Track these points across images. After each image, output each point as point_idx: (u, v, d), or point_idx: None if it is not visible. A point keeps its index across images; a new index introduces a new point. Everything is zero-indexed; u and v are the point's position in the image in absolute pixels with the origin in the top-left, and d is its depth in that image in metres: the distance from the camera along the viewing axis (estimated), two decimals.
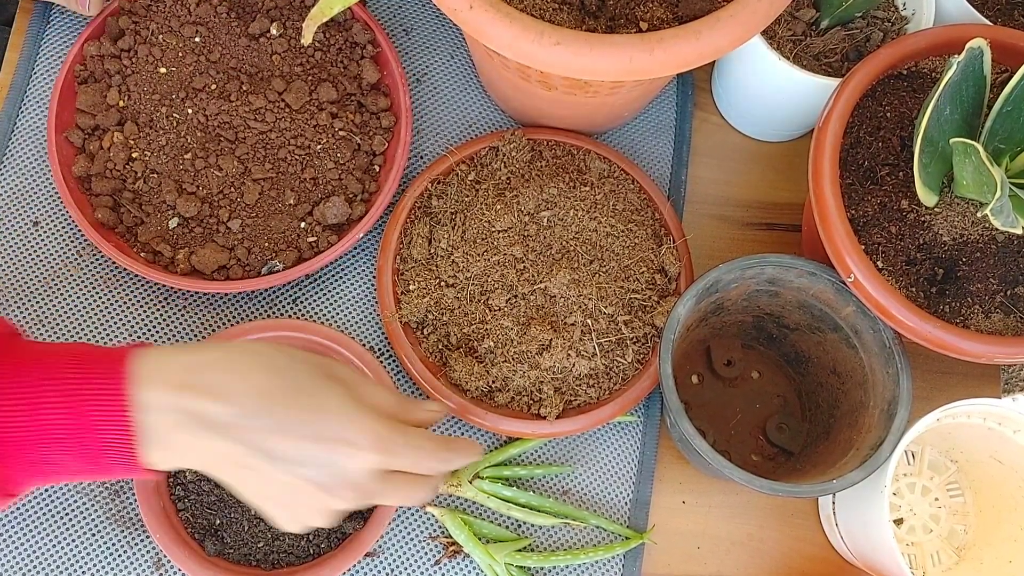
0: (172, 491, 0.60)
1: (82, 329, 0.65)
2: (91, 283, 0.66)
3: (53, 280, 0.66)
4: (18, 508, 0.61)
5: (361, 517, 0.60)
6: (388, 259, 0.64)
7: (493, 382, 0.60)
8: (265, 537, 0.59)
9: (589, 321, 0.60)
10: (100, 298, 0.66)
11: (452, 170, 0.66)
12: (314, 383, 0.47)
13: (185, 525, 0.59)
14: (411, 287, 0.63)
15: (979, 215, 0.56)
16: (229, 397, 0.44)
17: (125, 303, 0.66)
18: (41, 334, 0.65)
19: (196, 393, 0.44)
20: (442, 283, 0.62)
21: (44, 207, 0.68)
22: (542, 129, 0.67)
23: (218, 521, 0.59)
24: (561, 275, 0.60)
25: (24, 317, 0.65)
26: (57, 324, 0.65)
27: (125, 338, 0.65)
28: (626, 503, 0.66)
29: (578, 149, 0.67)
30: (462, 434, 0.65)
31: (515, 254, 0.61)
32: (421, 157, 0.72)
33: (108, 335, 0.65)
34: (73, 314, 0.65)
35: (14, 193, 0.68)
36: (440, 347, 0.62)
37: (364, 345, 0.65)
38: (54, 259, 0.67)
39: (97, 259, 0.67)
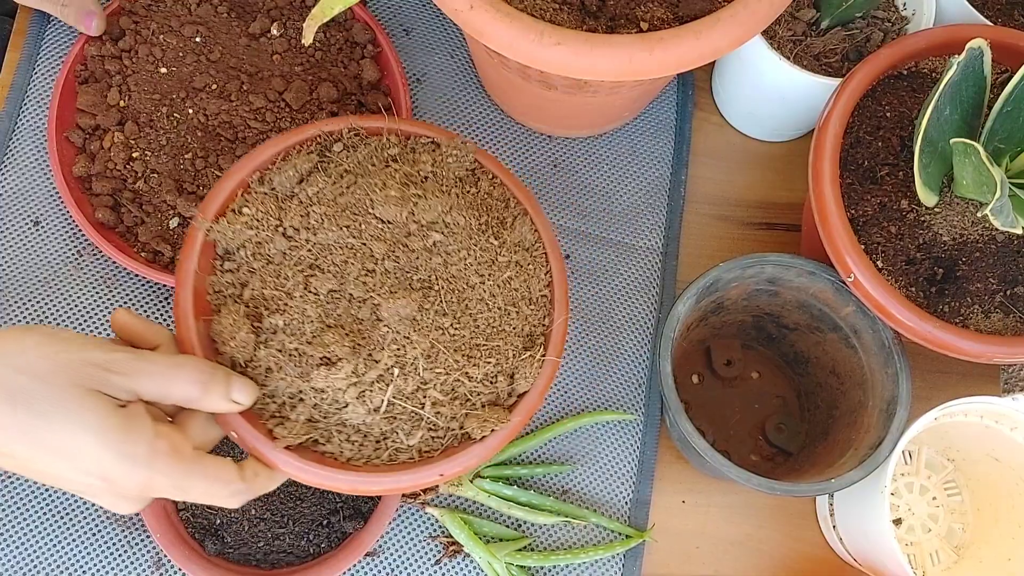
0: None
1: (82, 329, 0.65)
2: (91, 283, 0.66)
3: (53, 280, 0.66)
4: (18, 508, 0.61)
5: (361, 517, 0.60)
6: (247, 168, 0.53)
7: (251, 363, 0.49)
8: (265, 537, 0.59)
9: (396, 371, 0.48)
10: (100, 298, 0.66)
11: (379, 133, 0.56)
12: (62, 409, 0.40)
13: (185, 525, 0.59)
14: (246, 210, 0.52)
15: (979, 215, 0.56)
16: None
17: (125, 303, 0.66)
18: None
19: None
20: (281, 227, 0.52)
21: (44, 207, 0.68)
22: (494, 162, 0.58)
23: (218, 521, 0.60)
24: (404, 304, 0.49)
25: (24, 317, 0.65)
26: (57, 324, 0.65)
27: None
28: (626, 502, 0.66)
29: (517, 203, 0.57)
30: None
31: (375, 251, 0.51)
32: None
33: (108, 335, 0.65)
34: (73, 314, 0.66)
35: (15, 193, 0.68)
36: (229, 292, 0.51)
37: None
38: (54, 259, 0.67)
39: (97, 259, 0.67)
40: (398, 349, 0.49)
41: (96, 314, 0.66)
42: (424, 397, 0.49)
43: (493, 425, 0.50)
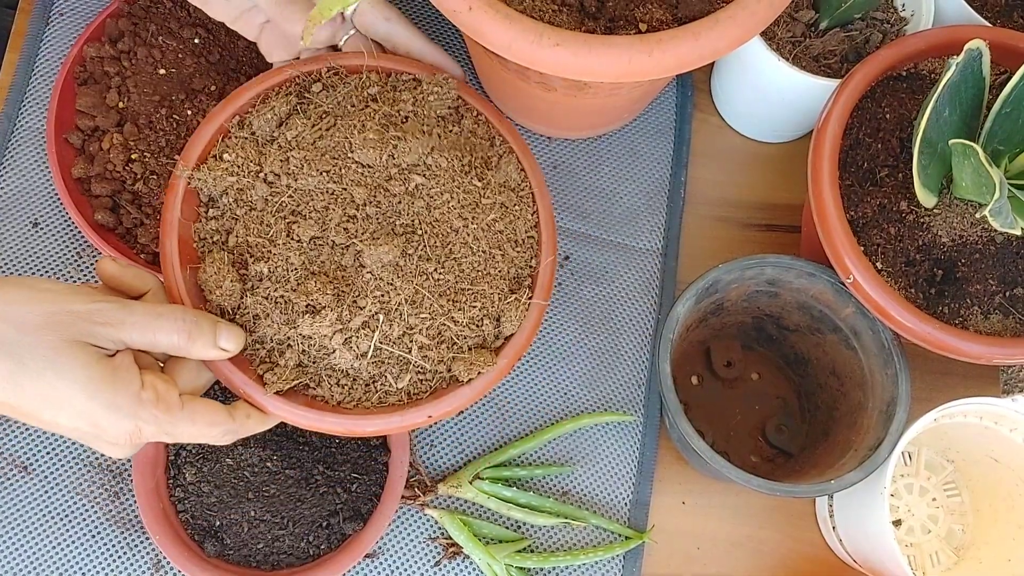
0: (172, 493, 0.60)
1: None
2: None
3: None
4: (18, 510, 0.61)
5: (361, 518, 0.60)
6: (227, 112, 0.53)
7: (239, 311, 0.50)
8: (265, 538, 0.59)
9: (382, 316, 0.49)
10: None
11: (359, 71, 0.56)
12: (48, 362, 0.41)
13: (185, 526, 0.59)
14: (227, 156, 0.52)
15: (978, 216, 0.56)
16: None
17: None
18: None
19: None
20: (262, 173, 0.52)
21: (44, 208, 0.68)
22: (478, 98, 0.57)
23: (218, 522, 0.59)
24: (386, 250, 0.49)
25: None
26: None
27: None
28: (626, 503, 0.66)
29: (503, 141, 0.57)
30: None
31: (355, 196, 0.51)
32: None
33: None
34: None
35: (14, 194, 0.68)
36: (214, 239, 0.52)
37: None
38: (54, 260, 0.67)
39: (97, 260, 0.67)
40: (382, 295, 0.49)
41: None
42: (411, 342, 0.50)
43: (480, 368, 0.50)
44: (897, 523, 0.66)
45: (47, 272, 0.66)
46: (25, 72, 0.70)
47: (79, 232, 0.67)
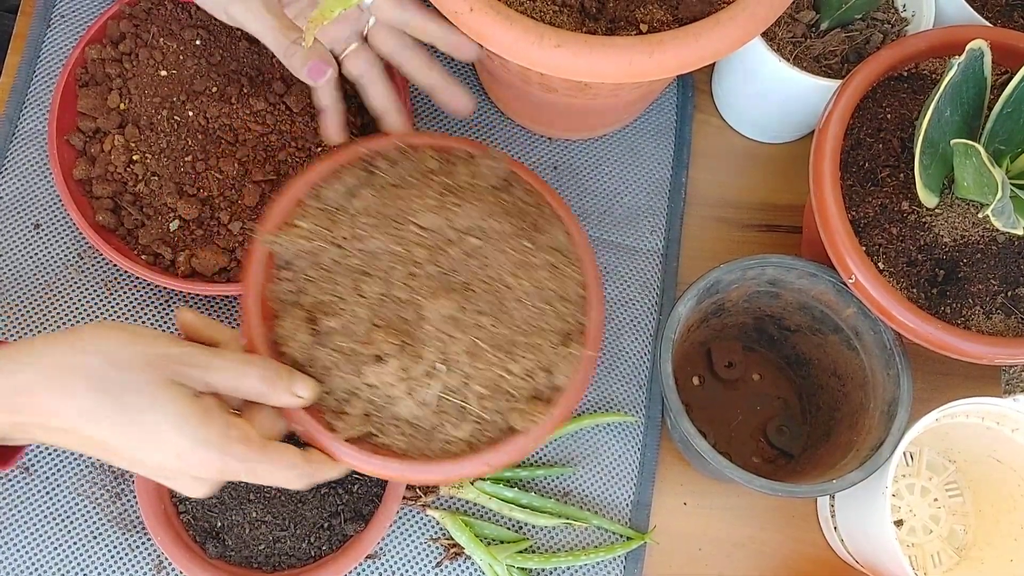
0: (173, 494, 0.60)
1: None
2: (92, 286, 0.67)
3: (54, 283, 0.66)
4: (19, 511, 0.61)
5: (362, 519, 0.60)
6: (304, 184, 0.57)
7: (311, 364, 0.53)
8: (266, 539, 0.59)
9: (443, 366, 0.52)
10: (101, 301, 0.66)
11: (419, 149, 0.60)
12: (145, 399, 0.44)
13: (186, 528, 0.59)
14: (302, 223, 0.56)
15: (980, 216, 0.56)
16: (59, 414, 0.43)
17: (126, 306, 0.66)
18: None
19: (28, 415, 0.44)
20: (333, 238, 0.56)
21: (45, 210, 0.68)
22: (527, 171, 0.61)
23: (219, 524, 0.59)
24: (445, 304, 0.53)
25: (25, 319, 0.65)
26: (58, 326, 0.65)
27: None
28: (627, 504, 0.66)
29: (550, 209, 0.60)
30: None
31: (417, 256, 0.55)
32: None
33: None
34: (74, 317, 0.66)
35: (15, 196, 0.68)
36: (289, 298, 0.55)
37: None
38: (55, 262, 0.67)
39: (98, 262, 0.67)
40: (442, 347, 0.52)
41: (96, 317, 0.66)
42: (469, 391, 0.52)
43: (534, 417, 0.52)
44: (899, 523, 0.66)
45: (49, 273, 0.66)
46: (26, 74, 0.71)
47: (80, 234, 0.67)
